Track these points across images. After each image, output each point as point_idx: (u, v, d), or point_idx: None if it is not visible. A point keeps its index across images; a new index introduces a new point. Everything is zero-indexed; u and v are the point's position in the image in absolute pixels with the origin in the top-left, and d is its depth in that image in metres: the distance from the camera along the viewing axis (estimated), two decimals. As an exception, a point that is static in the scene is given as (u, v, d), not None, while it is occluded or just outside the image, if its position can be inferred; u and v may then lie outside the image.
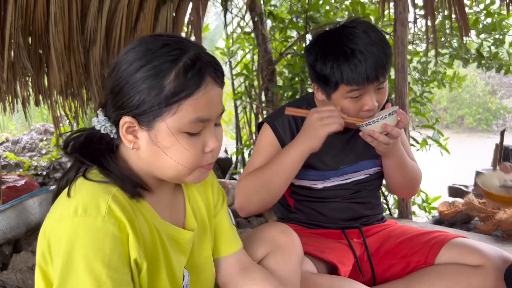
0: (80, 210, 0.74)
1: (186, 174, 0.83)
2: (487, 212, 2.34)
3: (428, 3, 2.58)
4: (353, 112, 1.27)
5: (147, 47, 0.80)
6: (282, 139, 1.38)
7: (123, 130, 0.80)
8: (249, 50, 3.90)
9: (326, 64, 1.24)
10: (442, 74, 3.63)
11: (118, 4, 3.10)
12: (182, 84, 0.77)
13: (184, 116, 0.78)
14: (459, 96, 14.10)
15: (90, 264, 0.71)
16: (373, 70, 1.20)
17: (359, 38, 1.22)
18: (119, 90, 0.80)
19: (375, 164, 1.44)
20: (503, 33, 3.21)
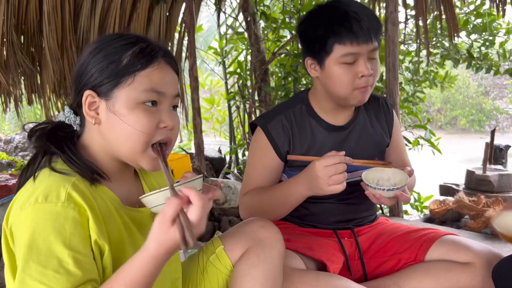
0: (41, 197, 0.78)
1: (140, 149, 0.87)
2: (477, 210, 2.36)
3: (419, 4, 2.60)
4: (348, 81, 1.24)
5: (106, 38, 0.91)
6: (276, 144, 1.35)
7: (86, 106, 0.87)
8: (242, 50, 3.91)
9: (320, 26, 1.24)
10: (434, 74, 3.66)
11: (111, 4, 3.10)
12: (137, 59, 0.86)
13: (140, 85, 0.86)
14: (452, 98, 14.19)
15: (52, 245, 0.75)
16: (366, 28, 1.20)
17: (351, 4, 1.24)
18: (81, 73, 0.89)
19: None
20: (493, 34, 3.24)
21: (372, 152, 1.41)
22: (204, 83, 5.71)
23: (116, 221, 0.88)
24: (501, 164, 3.77)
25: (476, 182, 3.06)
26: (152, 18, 3.29)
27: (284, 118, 1.36)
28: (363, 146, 1.39)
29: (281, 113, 1.37)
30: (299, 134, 1.36)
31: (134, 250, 0.89)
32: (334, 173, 1.13)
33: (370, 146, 1.42)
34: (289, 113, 1.37)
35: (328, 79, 1.28)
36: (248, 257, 1.04)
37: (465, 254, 1.23)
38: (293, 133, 1.36)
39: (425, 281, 1.23)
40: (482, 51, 3.34)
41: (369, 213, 1.48)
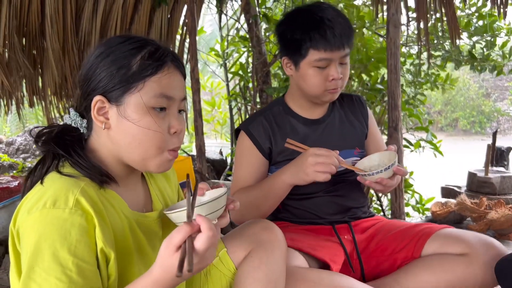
0: (49, 202, 0.78)
1: (152, 154, 0.88)
2: (479, 212, 2.36)
3: (420, 6, 2.60)
4: (319, 83, 1.34)
5: (113, 41, 0.90)
6: (258, 143, 1.43)
7: (94, 111, 0.87)
8: (243, 52, 3.92)
9: (297, 31, 1.33)
10: (435, 76, 3.66)
11: (113, 6, 3.10)
12: (147, 64, 0.87)
13: (150, 91, 0.87)
14: (453, 99, 14.20)
15: (57, 252, 0.75)
16: (339, 37, 1.29)
17: (327, 10, 1.33)
18: (89, 78, 0.88)
19: (353, 154, 1.48)
20: (494, 35, 3.24)
21: (353, 142, 1.50)
22: (205, 85, 5.71)
23: (124, 227, 0.88)
24: (503, 166, 3.77)
25: (478, 184, 3.05)
26: (153, 20, 3.29)
27: (263, 118, 1.45)
28: (344, 136, 1.49)
29: (261, 115, 1.47)
30: (279, 131, 1.44)
31: (139, 256, 0.90)
32: (323, 161, 1.20)
33: (350, 136, 1.51)
34: (268, 114, 1.47)
35: (301, 79, 1.38)
36: (251, 260, 1.05)
37: (459, 245, 1.26)
38: (273, 131, 1.44)
39: (423, 275, 1.25)
40: (484, 53, 3.34)
41: (360, 204, 1.52)
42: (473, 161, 5.05)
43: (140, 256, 0.91)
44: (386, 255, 1.36)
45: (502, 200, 2.48)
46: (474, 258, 1.22)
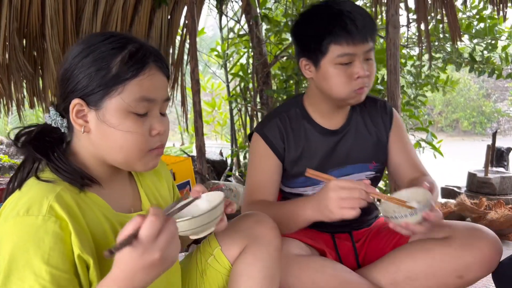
0: (23, 210, 0.76)
1: (135, 157, 0.86)
2: (479, 212, 2.36)
3: (421, 7, 2.61)
4: (344, 82, 1.23)
5: (93, 39, 0.85)
6: (274, 146, 1.35)
7: (73, 114, 0.84)
8: (244, 53, 3.92)
9: (315, 27, 1.23)
10: (435, 78, 3.67)
11: (113, 7, 3.11)
12: (127, 66, 0.83)
13: (130, 94, 0.83)
14: (453, 100, 14.20)
15: (30, 260, 0.74)
16: (362, 28, 1.19)
17: (345, 3, 1.23)
18: (68, 78, 0.84)
19: (367, 168, 1.40)
20: (495, 38, 3.24)
21: (367, 154, 1.39)
22: (205, 86, 5.72)
23: (105, 230, 0.85)
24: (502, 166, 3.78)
25: (478, 185, 3.06)
26: (153, 21, 3.30)
27: (279, 120, 1.36)
28: (357, 148, 1.38)
29: (276, 116, 1.37)
30: (293, 137, 1.36)
31: None
32: (348, 196, 1.05)
33: (367, 149, 1.39)
34: (283, 116, 1.37)
35: (323, 80, 1.26)
36: (245, 256, 1.03)
37: (443, 230, 1.22)
38: (288, 135, 1.36)
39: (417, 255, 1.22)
40: (484, 55, 3.34)
41: (368, 217, 1.47)
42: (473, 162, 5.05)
43: None
44: (378, 249, 1.35)
45: (501, 201, 2.49)
46: (454, 239, 1.18)
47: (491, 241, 1.19)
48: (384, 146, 1.42)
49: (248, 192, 1.36)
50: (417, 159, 1.43)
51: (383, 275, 1.22)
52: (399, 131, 1.44)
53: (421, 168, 1.41)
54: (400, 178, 1.40)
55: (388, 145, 1.42)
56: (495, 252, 1.18)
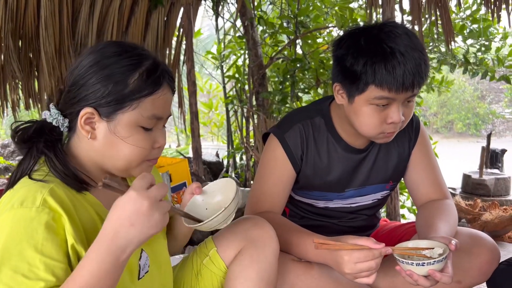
0: (17, 203, 0.78)
1: (134, 166, 0.90)
2: (474, 213, 2.38)
3: (415, 9, 2.63)
4: (375, 124, 1.12)
5: (108, 50, 0.88)
6: (292, 155, 1.26)
7: (81, 120, 0.86)
8: (240, 54, 3.93)
9: (359, 60, 1.08)
10: (430, 78, 3.69)
11: (109, 8, 3.11)
12: (144, 84, 0.86)
13: (143, 111, 0.86)
14: (448, 101, 14.26)
15: (23, 250, 0.75)
16: (411, 75, 1.05)
17: (400, 39, 1.07)
18: (81, 85, 0.86)
19: (384, 188, 1.36)
20: (489, 40, 3.27)
21: (387, 174, 1.33)
22: (203, 87, 5.72)
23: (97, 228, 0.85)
24: (497, 168, 3.80)
25: (472, 186, 3.08)
26: (150, 22, 3.30)
27: (302, 127, 1.26)
28: (379, 169, 1.31)
29: (299, 121, 1.27)
30: (315, 148, 1.27)
31: None
32: (366, 271, 0.98)
33: (385, 169, 1.32)
34: (307, 123, 1.27)
35: (353, 115, 1.16)
36: (242, 258, 1.03)
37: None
38: (308, 145, 1.26)
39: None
40: (478, 57, 3.37)
41: (372, 230, 1.45)
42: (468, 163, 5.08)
43: None
44: None
45: (496, 202, 2.51)
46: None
47: (490, 248, 1.19)
48: (405, 163, 1.35)
49: (254, 200, 1.28)
50: (440, 178, 1.34)
51: (382, 279, 1.20)
52: (424, 147, 1.35)
53: (443, 189, 1.33)
54: (418, 197, 1.34)
55: (409, 161, 1.34)
56: (493, 259, 1.19)
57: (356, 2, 3.58)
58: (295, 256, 1.19)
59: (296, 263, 1.19)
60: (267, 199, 1.26)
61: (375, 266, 0.98)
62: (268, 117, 3.43)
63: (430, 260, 0.96)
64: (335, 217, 1.37)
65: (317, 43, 3.50)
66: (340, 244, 1.01)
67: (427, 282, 0.99)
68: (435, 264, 0.97)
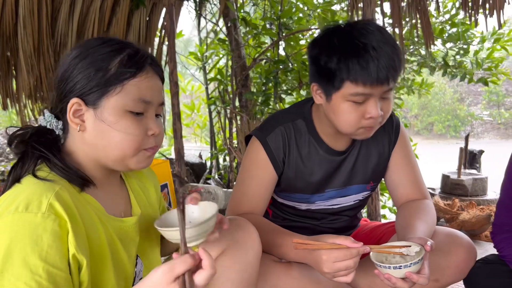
0: (21, 206, 0.76)
1: (130, 154, 0.88)
2: (452, 213, 2.42)
3: (396, 12, 2.66)
4: (353, 120, 1.13)
5: (91, 43, 0.88)
6: (274, 158, 1.26)
7: (70, 113, 0.85)
8: (223, 55, 3.93)
9: (333, 57, 1.09)
10: (411, 81, 3.75)
11: (90, 8, 3.07)
12: (126, 67, 0.86)
13: (128, 94, 0.86)
14: (429, 104, 14.53)
15: (27, 257, 0.73)
16: (384, 69, 1.05)
17: (372, 35, 1.08)
18: (66, 79, 0.86)
19: (365, 189, 1.37)
20: (467, 43, 3.34)
21: (368, 175, 1.35)
22: (185, 88, 5.68)
23: (99, 232, 0.86)
24: (475, 168, 3.88)
25: (451, 186, 3.14)
26: (131, 23, 3.27)
27: (284, 130, 1.27)
28: (359, 170, 1.33)
29: (281, 124, 1.28)
30: (297, 151, 1.28)
31: (114, 262, 0.88)
32: (344, 270, 0.99)
33: (366, 170, 1.34)
34: (289, 126, 1.28)
35: (332, 113, 1.17)
36: (224, 259, 1.03)
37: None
38: (290, 148, 1.27)
39: None
40: (457, 59, 3.44)
41: (353, 230, 1.47)
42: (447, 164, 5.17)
43: (114, 263, 0.89)
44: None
45: (473, 202, 2.56)
46: None
47: (466, 247, 1.22)
48: (385, 164, 1.36)
49: (235, 201, 1.28)
50: (420, 179, 1.36)
51: (362, 278, 1.22)
52: (404, 148, 1.36)
53: (423, 189, 1.35)
54: (398, 197, 1.35)
55: (389, 161, 1.36)
56: (470, 258, 1.22)
57: (338, 5, 3.61)
58: (275, 256, 1.20)
59: (277, 264, 1.20)
60: (248, 201, 1.27)
61: (353, 265, 0.99)
62: (251, 118, 3.43)
63: (406, 263, 0.98)
64: (317, 219, 1.38)
65: (300, 45, 3.52)
66: (319, 243, 1.01)
67: (405, 284, 1.00)
68: (412, 267, 0.98)
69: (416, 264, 0.98)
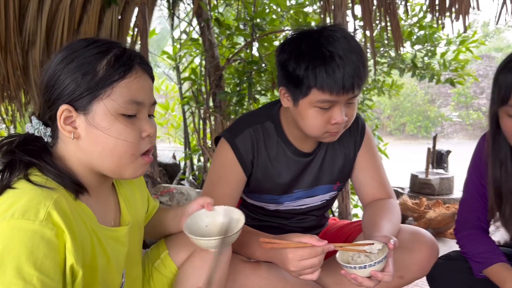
0: (18, 213, 0.72)
1: (126, 162, 0.85)
2: (419, 212, 2.49)
3: (366, 15, 2.72)
4: (319, 125, 1.16)
5: (76, 45, 0.85)
6: (243, 160, 1.28)
7: (61, 121, 0.82)
8: (196, 55, 3.91)
9: (301, 64, 1.11)
10: (381, 82, 3.83)
11: (60, 5, 3.00)
12: (114, 68, 0.82)
13: (119, 97, 0.83)
14: (401, 105, 14.85)
15: (21, 266, 0.70)
16: (350, 78, 1.08)
17: (339, 43, 1.10)
18: (53, 85, 0.83)
19: (332, 189, 1.40)
20: (434, 45, 3.44)
21: (334, 175, 1.38)
22: (159, 87, 5.63)
23: (92, 242, 0.83)
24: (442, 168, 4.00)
25: (419, 186, 3.22)
26: (103, 21, 3.21)
27: (252, 131, 1.28)
28: (326, 170, 1.36)
29: (250, 126, 1.30)
30: (265, 153, 1.30)
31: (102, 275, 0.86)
32: (309, 268, 1.01)
33: (332, 170, 1.37)
34: (257, 128, 1.30)
35: (299, 117, 1.19)
36: (194, 260, 1.04)
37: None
38: (259, 150, 1.29)
39: None
40: (425, 61, 3.54)
41: (321, 229, 1.50)
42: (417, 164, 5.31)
43: (102, 276, 0.86)
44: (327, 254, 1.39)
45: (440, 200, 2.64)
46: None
47: (429, 244, 1.26)
48: (351, 164, 1.39)
49: None
50: (385, 178, 1.40)
51: (329, 276, 1.25)
52: (369, 149, 1.40)
53: (387, 189, 1.38)
54: (364, 196, 1.39)
55: (355, 162, 1.39)
56: (432, 254, 1.26)
57: (310, 7, 3.66)
58: (244, 256, 1.21)
59: (246, 263, 1.21)
60: (217, 202, 1.24)
61: (318, 263, 1.01)
62: (225, 118, 3.43)
63: (371, 262, 1.01)
64: (286, 218, 1.41)
65: (273, 45, 3.55)
66: (285, 242, 1.02)
67: (371, 283, 1.03)
68: (376, 265, 1.01)
69: (380, 262, 1.01)
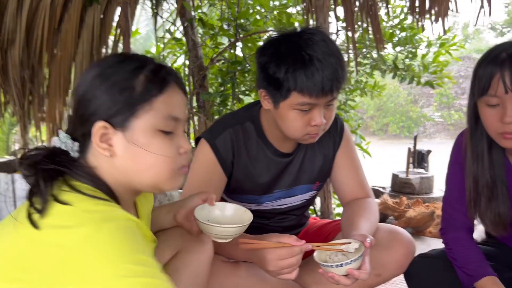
0: (99, 217, 0.71)
1: (164, 179, 0.84)
2: (399, 211, 2.53)
3: (348, 17, 2.75)
4: (299, 127, 1.19)
5: (109, 62, 0.83)
6: (223, 160, 1.28)
7: (97, 138, 0.80)
8: (180, 55, 3.90)
9: (281, 67, 1.13)
10: (364, 83, 3.88)
11: (40, 3, 2.96)
12: (151, 84, 0.82)
13: (157, 112, 0.82)
14: (384, 105, 15.04)
15: (137, 256, 0.69)
16: (329, 81, 1.11)
17: (317, 46, 1.12)
18: (88, 100, 0.81)
19: (311, 189, 1.42)
20: (415, 47, 3.50)
21: (314, 175, 1.40)
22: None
23: None
24: (423, 167, 4.07)
25: (400, 185, 3.28)
26: (85, 20, 3.18)
27: (232, 132, 1.30)
28: (306, 170, 1.37)
29: (230, 127, 1.31)
30: (245, 153, 1.31)
31: None
32: (287, 267, 1.02)
33: (312, 170, 1.39)
34: (237, 129, 1.31)
35: (280, 119, 1.22)
36: (176, 262, 1.04)
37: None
38: (239, 150, 1.30)
39: None
40: (406, 63, 3.59)
41: (301, 228, 1.52)
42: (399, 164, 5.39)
43: None
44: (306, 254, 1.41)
45: (420, 200, 2.69)
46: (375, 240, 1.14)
47: (406, 243, 1.29)
48: (330, 164, 1.41)
49: None
50: (363, 178, 1.42)
51: (308, 275, 1.26)
52: (348, 149, 1.42)
53: (366, 188, 1.41)
54: (343, 196, 1.41)
55: (334, 162, 1.41)
56: (409, 253, 1.28)
57: (294, 8, 3.68)
58: (223, 256, 1.22)
59: (225, 264, 1.22)
60: None
61: (296, 262, 1.02)
62: (209, 118, 3.43)
63: (347, 260, 1.03)
64: (266, 218, 1.42)
65: (257, 46, 3.55)
66: (264, 242, 1.03)
67: (348, 281, 1.05)
68: (353, 263, 1.03)
69: (356, 260, 1.03)
